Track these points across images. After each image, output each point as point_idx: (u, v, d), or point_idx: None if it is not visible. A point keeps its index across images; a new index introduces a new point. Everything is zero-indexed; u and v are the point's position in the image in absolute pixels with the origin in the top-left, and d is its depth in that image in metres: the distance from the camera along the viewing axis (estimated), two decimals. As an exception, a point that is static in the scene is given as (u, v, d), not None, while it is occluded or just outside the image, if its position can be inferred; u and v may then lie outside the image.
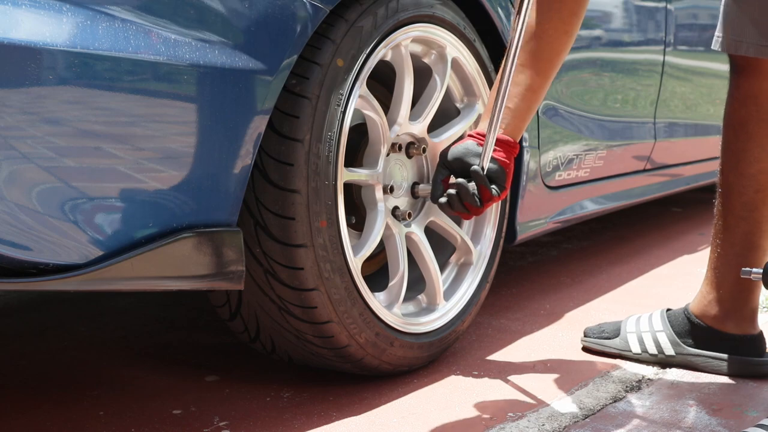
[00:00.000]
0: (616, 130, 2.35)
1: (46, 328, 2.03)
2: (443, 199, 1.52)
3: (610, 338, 1.78)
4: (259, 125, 1.34)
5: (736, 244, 1.65)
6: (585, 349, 1.83)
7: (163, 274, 1.30)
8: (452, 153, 1.54)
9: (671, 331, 1.71)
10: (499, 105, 1.45)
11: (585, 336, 1.83)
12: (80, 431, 1.44)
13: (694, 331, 1.70)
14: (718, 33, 1.65)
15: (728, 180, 1.65)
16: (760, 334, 1.70)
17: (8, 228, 1.13)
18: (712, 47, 1.67)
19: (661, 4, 2.54)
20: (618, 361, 1.75)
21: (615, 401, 1.55)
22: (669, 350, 1.71)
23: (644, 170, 2.58)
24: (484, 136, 1.50)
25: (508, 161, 1.51)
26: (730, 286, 1.67)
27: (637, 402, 1.55)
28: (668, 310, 1.77)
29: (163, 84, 1.22)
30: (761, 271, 1.73)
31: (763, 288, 1.82)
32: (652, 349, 1.71)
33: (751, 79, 1.61)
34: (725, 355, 1.67)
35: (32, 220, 1.15)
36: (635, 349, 1.73)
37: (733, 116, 1.64)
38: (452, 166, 1.53)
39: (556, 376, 1.68)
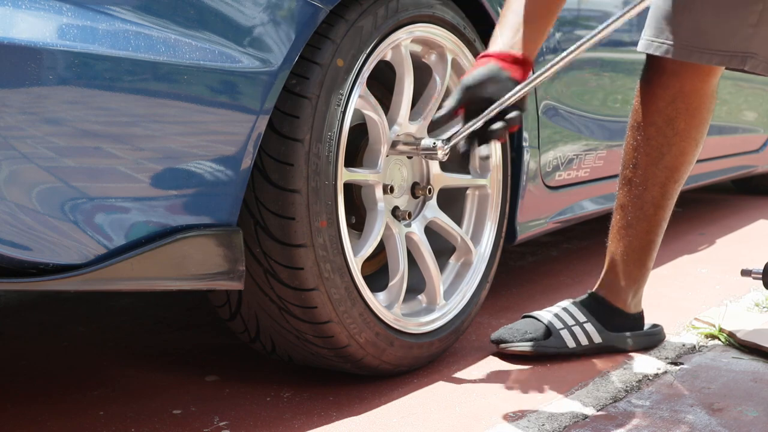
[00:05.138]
0: (616, 130, 2.34)
1: (46, 328, 2.03)
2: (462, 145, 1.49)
3: (538, 339, 1.76)
4: (259, 125, 1.34)
5: (651, 232, 1.79)
6: (518, 355, 1.76)
7: (163, 274, 1.30)
8: (474, 77, 1.47)
9: (594, 319, 1.81)
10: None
11: (506, 343, 1.76)
12: (80, 431, 1.44)
13: (608, 315, 1.82)
14: (651, 37, 1.70)
15: (649, 173, 1.75)
16: (642, 311, 1.88)
17: (8, 228, 1.13)
18: (643, 50, 1.72)
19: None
20: (618, 361, 1.75)
21: (615, 401, 1.55)
22: (597, 338, 1.80)
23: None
24: (506, 57, 1.47)
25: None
26: (638, 272, 1.81)
27: (637, 402, 1.55)
28: (576, 299, 1.86)
29: (162, 84, 1.22)
30: (761, 271, 1.75)
31: (763, 288, 1.83)
32: (584, 341, 1.80)
33: (683, 79, 1.69)
34: (633, 332, 1.83)
35: (32, 220, 1.15)
36: (570, 344, 1.79)
37: (657, 114, 1.72)
38: (473, 93, 1.47)
39: (556, 376, 1.68)
